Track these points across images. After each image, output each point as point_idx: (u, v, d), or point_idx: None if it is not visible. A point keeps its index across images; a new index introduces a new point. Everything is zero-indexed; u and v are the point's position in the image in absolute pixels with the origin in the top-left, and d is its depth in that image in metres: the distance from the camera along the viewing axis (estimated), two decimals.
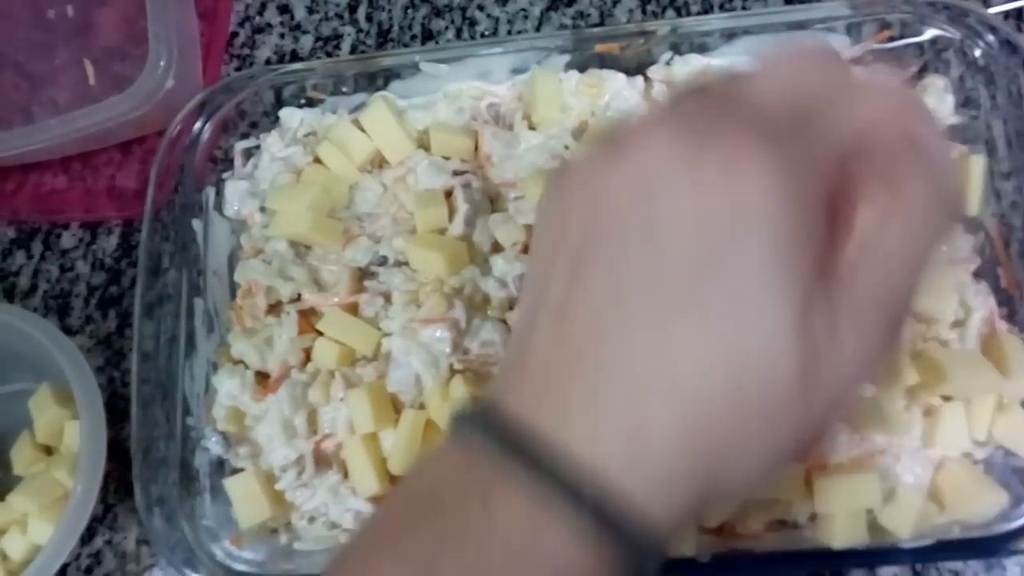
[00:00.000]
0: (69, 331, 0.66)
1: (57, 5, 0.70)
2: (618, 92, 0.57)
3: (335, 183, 0.58)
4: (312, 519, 0.54)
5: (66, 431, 0.60)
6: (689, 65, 0.57)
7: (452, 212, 0.55)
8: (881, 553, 0.47)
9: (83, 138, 0.65)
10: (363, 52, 0.71)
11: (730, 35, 0.58)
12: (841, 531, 0.47)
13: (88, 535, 0.64)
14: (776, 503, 0.49)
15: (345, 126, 0.59)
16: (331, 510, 0.53)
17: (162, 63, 0.60)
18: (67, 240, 0.69)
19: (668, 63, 0.58)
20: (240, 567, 0.54)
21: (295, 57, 0.71)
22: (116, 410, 0.65)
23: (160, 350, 0.57)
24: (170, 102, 0.62)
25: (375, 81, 0.62)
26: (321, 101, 0.62)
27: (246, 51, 0.72)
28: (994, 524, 0.47)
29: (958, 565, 0.52)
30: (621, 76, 0.58)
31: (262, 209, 0.59)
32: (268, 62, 0.71)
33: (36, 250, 0.70)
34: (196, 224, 0.59)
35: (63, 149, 0.68)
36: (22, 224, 0.70)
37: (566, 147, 0.56)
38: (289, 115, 0.61)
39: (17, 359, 0.62)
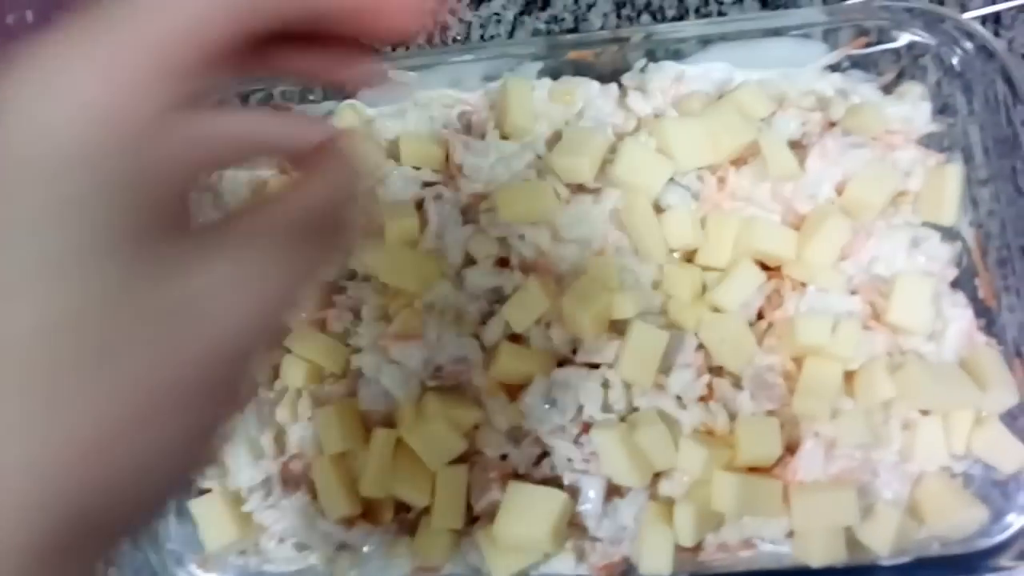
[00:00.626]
0: None
1: (16, 10, 0.68)
2: (592, 100, 0.56)
3: None
4: (281, 540, 0.53)
5: None
6: (664, 72, 0.56)
7: (423, 224, 0.54)
8: (860, 571, 0.46)
9: None
10: None
11: (706, 41, 0.57)
12: (819, 548, 0.46)
13: None
14: (751, 520, 0.48)
15: None
16: (301, 532, 0.52)
17: None
18: None
19: (642, 70, 0.57)
20: None
21: None
22: None
23: None
24: None
25: (343, 89, 0.60)
26: (289, 110, 0.60)
27: None
28: (974, 539, 0.47)
29: None
30: (595, 84, 0.56)
31: None
32: None
33: None
34: None
35: None
36: None
37: (539, 157, 0.55)
38: None
39: None
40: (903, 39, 0.56)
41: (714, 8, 0.67)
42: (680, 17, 0.67)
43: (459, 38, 0.68)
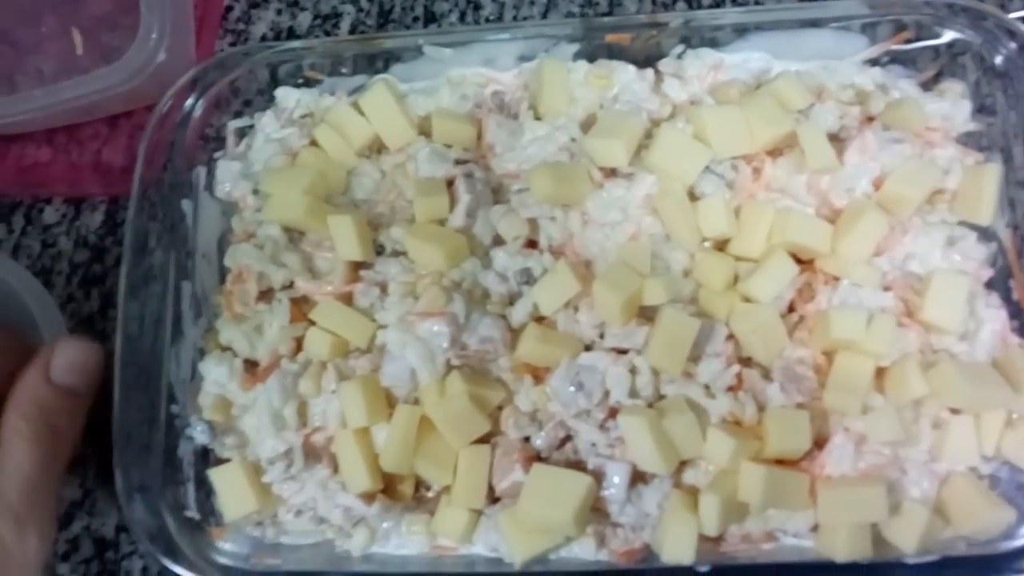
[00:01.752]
0: None
1: None
2: (627, 85, 0.55)
3: (332, 167, 0.56)
4: (299, 513, 0.53)
5: None
6: (701, 59, 0.55)
7: (453, 202, 0.54)
8: (885, 568, 0.46)
9: (69, 110, 0.63)
10: (363, 32, 0.68)
11: (743, 30, 0.57)
12: (844, 544, 0.46)
13: (66, 520, 0.62)
14: (776, 512, 0.48)
15: (344, 108, 0.57)
16: (320, 505, 0.51)
17: (154, 35, 0.57)
18: (50, 215, 0.67)
19: (679, 56, 0.56)
20: (223, 560, 0.52)
21: (292, 35, 0.69)
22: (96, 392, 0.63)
23: (145, 333, 0.55)
24: (161, 76, 0.59)
25: (375, 63, 0.60)
26: (319, 82, 0.60)
27: (241, 26, 0.69)
28: (999, 541, 0.47)
29: None
30: (631, 68, 0.56)
31: (255, 192, 0.57)
32: (264, 39, 0.69)
33: (17, 224, 0.67)
34: (186, 204, 0.57)
35: (48, 121, 0.65)
36: (2, 197, 0.68)
37: (572, 139, 0.54)
38: (285, 95, 0.59)
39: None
40: (946, 36, 0.55)
41: None
42: (717, 5, 0.66)
43: (491, 18, 0.68)
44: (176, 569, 0.51)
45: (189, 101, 0.58)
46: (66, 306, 0.65)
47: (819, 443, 0.48)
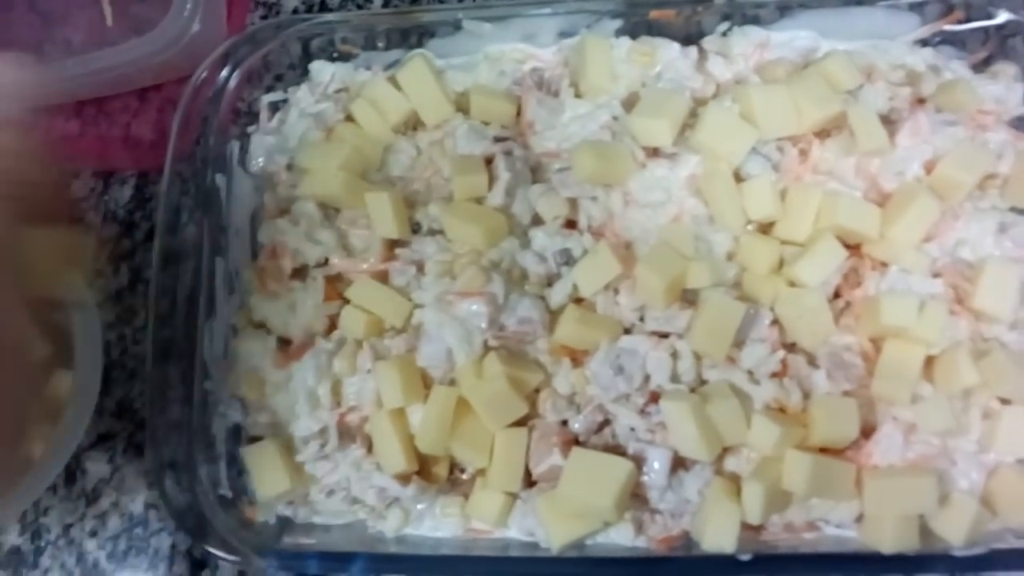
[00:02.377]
0: None
1: None
2: (671, 63, 0.54)
3: (368, 143, 0.55)
4: (332, 493, 0.52)
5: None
6: (748, 37, 0.54)
7: (491, 180, 0.53)
8: (933, 560, 0.45)
9: (100, 82, 0.62)
10: (396, 6, 0.67)
11: (783, 8, 0.55)
12: (891, 534, 0.45)
13: (94, 496, 0.61)
14: (819, 501, 0.47)
15: (381, 83, 0.56)
16: (353, 485, 0.51)
17: (188, 5, 0.56)
18: (78, 188, 0.66)
19: (725, 34, 0.55)
20: (253, 537, 0.52)
21: (324, 8, 0.68)
22: (125, 368, 0.63)
23: (177, 309, 0.54)
24: (193, 48, 0.58)
25: (409, 38, 0.59)
26: (354, 56, 0.59)
27: None
28: None
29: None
30: (675, 45, 0.55)
31: (289, 167, 0.56)
32: (295, 12, 0.68)
33: None
34: (220, 179, 0.56)
35: (77, 92, 0.64)
36: None
37: (615, 118, 0.53)
38: (320, 69, 0.58)
39: None
40: (1000, 17, 0.54)
41: None
42: None
43: None
44: (207, 547, 0.51)
45: (222, 74, 0.57)
46: (94, 281, 0.64)
47: (865, 432, 0.47)
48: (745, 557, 0.46)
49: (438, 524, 0.52)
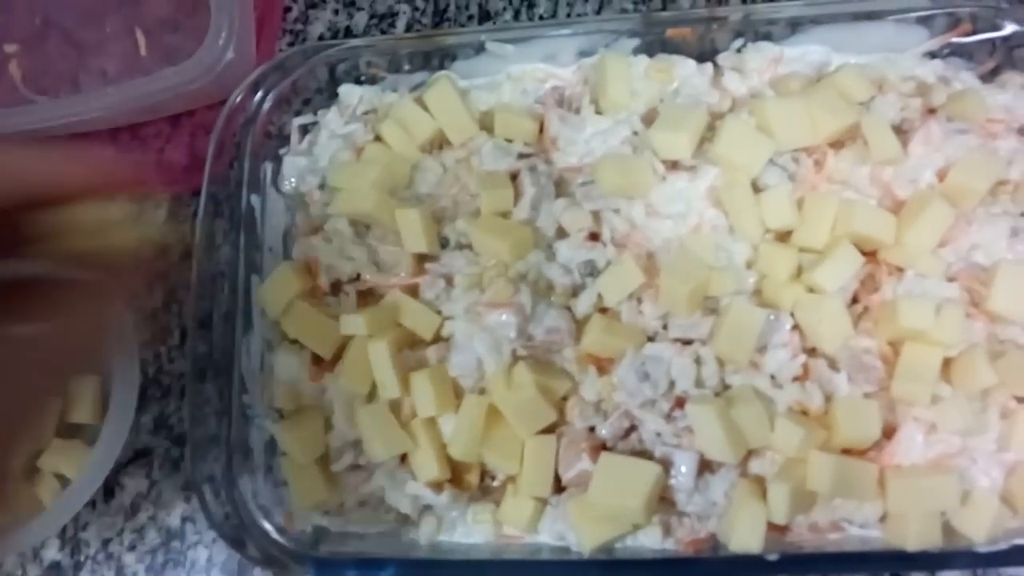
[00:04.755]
0: None
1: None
2: (688, 79, 0.56)
3: (396, 162, 0.56)
4: (364, 502, 0.54)
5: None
6: (762, 52, 0.56)
7: (517, 195, 0.54)
8: (956, 556, 0.46)
9: (134, 109, 0.64)
10: (419, 31, 0.69)
11: (795, 24, 0.57)
12: (915, 532, 0.46)
13: (132, 511, 0.63)
14: (843, 502, 0.48)
15: (408, 104, 0.58)
16: (388, 494, 0.52)
17: (223, 35, 0.58)
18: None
19: (739, 50, 0.57)
20: (291, 546, 0.53)
21: (348, 34, 0.70)
22: (161, 386, 0.64)
23: (215, 326, 0.56)
24: (225, 76, 0.60)
25: (432, 60, 0.60)
26: (381, 78, 0.61)
27: (299, 26, 0.70)
28: None
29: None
30: (691, 62, 0.56)
31: (321, 186, 0.58)
32: (321, 38, 0.70)
33: None
34: (255, 199, 0.58)
35: (113, 120, 0.66)
36: None
37: (635, 133, 0.55)
38: (348, 92, 0.60)
39: None
40: (1007, 28, 0.55)
41: None
42: None
43: (545, 15, 0.68)
44: (246, 556, 0.52)
45: (254, 100, 0.59)
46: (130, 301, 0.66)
47: (886, 433, 0.48)
48: (772, 557, 0.47)
49: (470, 531, 0.53)
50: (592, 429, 0.51)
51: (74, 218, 0.34)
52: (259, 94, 0.59)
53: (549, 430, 0.51)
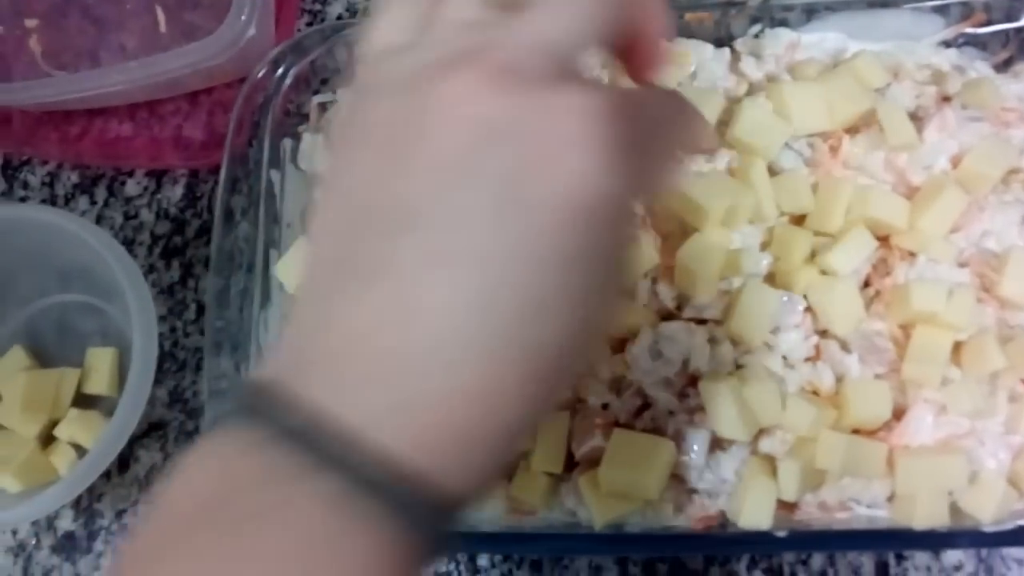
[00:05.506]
0: None
1: None
2: (705, 63, 0.57)
3: None
4: None
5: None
6: (779, 38, 0.57)
7: None
8: (962, 536, 0.47)
9: (152, 86, 0.65)
10: None
11: (811, 11, 0.58)
12: (923, 512, 0.47)
13: (146, 482, 0.64)
14: (851, 481, 0.49)
15: None
16: None
17: (245, 12, 0.59)
18: (131, 187, 0.69)
19: (757, 36, 0.57)
20: None
21: (367, 14, 0.71)
22: (177, 360, 0.65)
23: (231, 301, 0.56)
24: (245, 54, 0.61)
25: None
26: None
27: (317, 6, 0.71)
28: None
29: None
30: (709, 47, 0.57)
31: None
32: (339, 18, 0.71)
33: (100, 196, 0.69)
34: (274, 175, 0.59)
35: (131, 96, 0.67)
36: (86, 169, 0.70)
37: None
38: None
39: (82, 271, 0.62)
40: (1022, 19, 0.56)
41: None
42: None
43: None
44: None
45: (275, 77, 0.59)
46: (147, 276, 0.67)
47: (896, 414, 0.49)
48: (781, 534, 0.48)
49: (482, 506, 0.54)
50: (605, 407, 0.52)
51: None
52: (279, 72, 0.60)
53: (563, 408, 0.52)
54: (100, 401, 0.63)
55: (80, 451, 0.61)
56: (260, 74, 0.59)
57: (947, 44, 0.57)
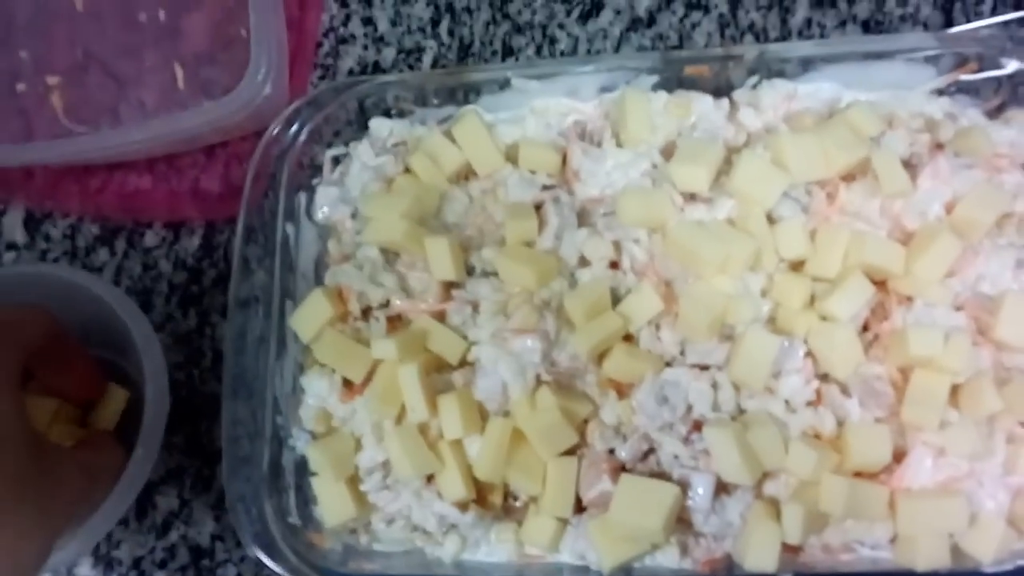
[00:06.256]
0: None
1: (148, 8, 0.71)
2: (705, 114, 0.58)
3: (425, 193, 0.59)
4: (391, 521, 0.55)
5: None
6: (776, 89, 0.58)
7: (541, 225, 0.57)
8: None
9: (173, 140, 0.67)
10: (444, 66, 0.72)
11: (807, 62, 0.59)
12: (924, 553, 0.48)
13: (163, 529, 0.65)
14: (854, 523, 0.50)
15: (437, 137, 0.60)
16: (414, 513, 0.54)
17: (262, 71, 0.61)
18: (150, 238, 0.71)
19: (754, 87, 0.59)
20: (321, 563, 0.55)
21: (377, 69, 0.73)
22: (192, 406, 0.67)
23: (247, 348, 0.58)
24: (261, 110, 0.63)
25: (457, 95, 0.63)
26: (410, 112, 0.63)
27: (329, 61, 0.73)
28: None
29: None
30: (708, 98, 0.59)
31: (353, 215, 0.60)
32: (351, 73, 0.73)
33: (119, 247, 0.71)
34: (289, 227, 0.60)
35: (150, 151, 0.69)
36: (106, 221, 0.72)
37: (654, 165, 0.57)
38: (379, 125, 0.62)
39: (100, 327, 0.63)
40: (1011, 66, 0.57)
41: (816, 31, 0.69)
42: (783, 39, 0.69)
43: (566, 52, 0.71)
44: (278, 569, 0.54)
45: (291, 132, 0.61)
46: (165, 324, 0.69)
47: (896, 456, 0.50)
48: None
49: (493, 550, 0.55)
50: (612, 451, 0.53)
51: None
52: (294, 127, 0.62)
53: (571, 452, 0.53)
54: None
55: None
56: (276, 130, 0.61)
57: (940, 92, 0.59)
